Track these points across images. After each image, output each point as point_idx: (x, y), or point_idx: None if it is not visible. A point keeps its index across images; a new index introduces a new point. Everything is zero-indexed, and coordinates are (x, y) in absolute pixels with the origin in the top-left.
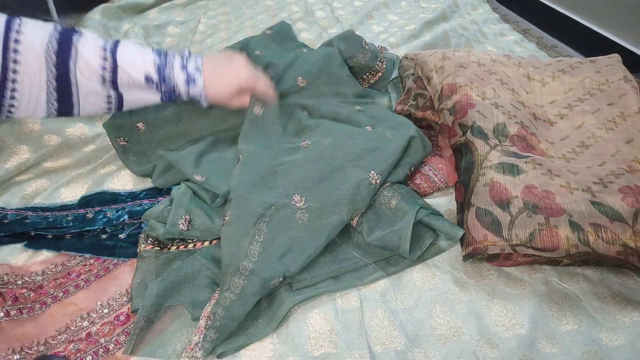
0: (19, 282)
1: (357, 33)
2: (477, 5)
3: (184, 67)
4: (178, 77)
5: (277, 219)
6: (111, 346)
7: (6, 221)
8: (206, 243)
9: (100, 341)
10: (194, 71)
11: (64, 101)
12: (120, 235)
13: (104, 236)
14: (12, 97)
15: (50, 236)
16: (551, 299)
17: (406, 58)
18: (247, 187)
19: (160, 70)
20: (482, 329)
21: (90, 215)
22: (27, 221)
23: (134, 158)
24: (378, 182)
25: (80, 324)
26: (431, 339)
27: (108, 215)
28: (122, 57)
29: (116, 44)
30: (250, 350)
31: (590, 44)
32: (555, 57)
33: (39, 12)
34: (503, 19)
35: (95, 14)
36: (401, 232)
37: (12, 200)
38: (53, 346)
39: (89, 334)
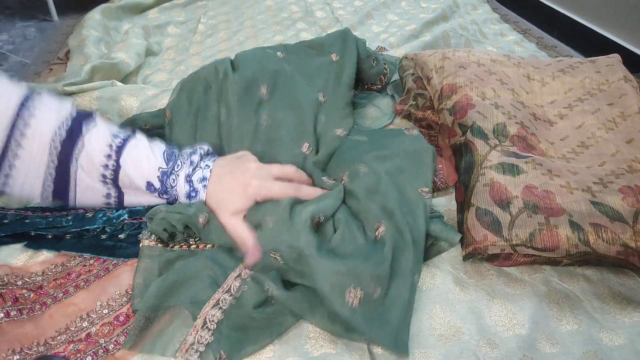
0: (19, 283)
1: (356, 33)
2: (477, 5)
3: (189, 176)
4: (180, 189)
5: None
6: (111, 346)
7: (6, 221)
8: (209, 246)
9: (100, 342)
10: (199, 183)
11: (60, 191)
12: (120, 236)
13: (103, 236)
14: (7, 176)
15: (50, 236)
16: (551, 299)
17: (406, 58)
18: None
19: (163, 179)
20: (482, 329)
21: (90, 215)
22: (27, 221)
23: None
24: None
25: (80, 324)
26: (431, 339)
27: (108, 214)
28: (126, 158)
29: (125, 141)
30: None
31: (590, 44)
32: (555, 57)
33: (39, 12)
34: (503, 19)
35: (95, 14)
36: None
37: (12, 200)
38: (53, 347)
39: (88, 335)
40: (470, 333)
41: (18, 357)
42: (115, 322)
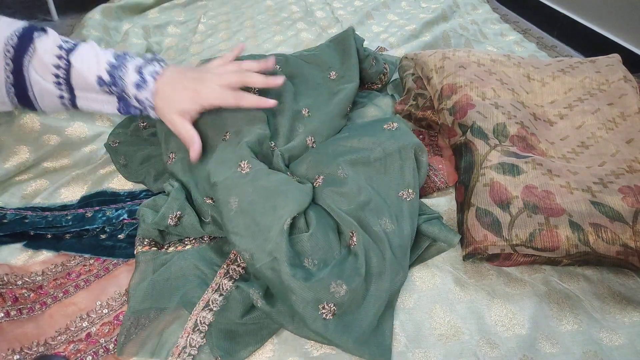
0: (19, 283)
1: (357, 32)
2: (477, 5)
3: (140, 68)
4: (129, 79)
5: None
6: (111, 346)
7: (5, 221)
8: (204, 245)
9: (100, 341)
10: (149, 75)
11: (22, 96)
12: (119, 236)
13: (103, 236)
14: None
15: (49, 236)
16: (551, 299)
17: (406, 58)
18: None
19: (112, 71)
20: (482, 329)
21: (89, 215)
22: (26, 221)
23: (124, 162)
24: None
25: (80, 324)
26: (431, 339)
27: (107, 214)
28: (77, 57)
29: (76, 44)
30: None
31: (590, 44)
32: (555, 57)
33: (39, 12)
34: (503, 19)
35: (95, 14)
36: None
37: (11, 200)
38: (53, 347)
39: (88, 335)
40: (471, 333)
41: (18, 356)
42: (115, 321)
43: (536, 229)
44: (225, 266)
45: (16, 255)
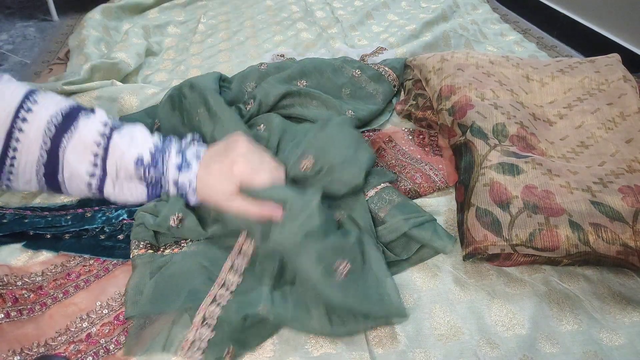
0: (19, 283)
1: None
2: (477, 5)
3: (181, 151)
4: (171, 161)
5: None
6: (111, 346)
7: (5, 221)
8: (204, 244)
9: (101, 342)
10: (192, 157)
11: (51, 178)
12: (119, 236)
13: (102, 236)
14: (11, 165)
15: (48, 236)
16: (551, 299)
17: (407, 66)
18: None
19: (155, 153)
20: (483, 329)
21: (89, 214)
22: (26, 221)
23: None
24: None
25: (80, 325)
26: (431, 339)
27: (107, 214)
28: (122, 133)
29: (122, 124)
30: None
31: (590, 44)
32: (555, 57)
33: (39, 12)
34: (503, 19)
35: (95, 14)
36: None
37: (11, 200)
38: (53, 347)
39: (89, 335)
40: (471, 333)
41: (18, 357)
42: (115, 321)
43: (536, 228)
44: (229, 260)
45: (16, 256)
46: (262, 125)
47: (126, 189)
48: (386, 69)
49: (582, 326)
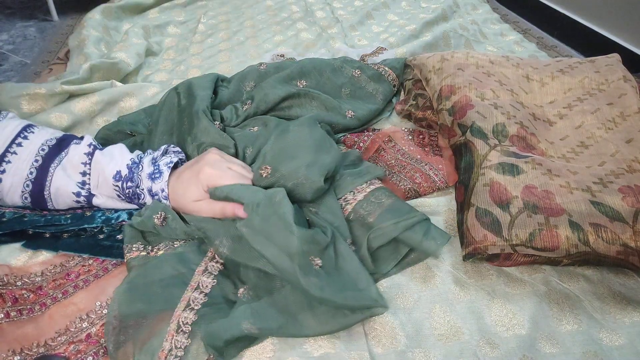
0: (19, 283)
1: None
2: (477, 5)
3: (155, 160)
4: (144, 171)
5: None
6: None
7: (4, 219)
8: (181, 247)
9: (101, 342)
10: (164, 166)
11: (37, 194)
12: (118, 236)
13: (101, 236)
14: None
15: (47, 235)
16: (551, 299)
17: (407, 65)
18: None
19: (132, 167)
20: (482, 329)
21: (88, 213)
22: (25, 219)
23: None
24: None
25: (79, 325)
26: (431, 339)
27: (107, 214)
28: (104, 152)
29: (105, 146)
30: (250, 351)
31: (590, 44)
32: (555, 57)
33: (39, 12)
34: (503, 19)
35: (95, 14)
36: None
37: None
38: (53, 347)
39: (88, 335)
40: (471, 333)
41: (18, 357)
42: None
43: (536, 228)
44: (203, 264)
45: (16, 256)
46: (255, 127)
47: (111, 200)
48: (386, 68)
49: (582, 326)
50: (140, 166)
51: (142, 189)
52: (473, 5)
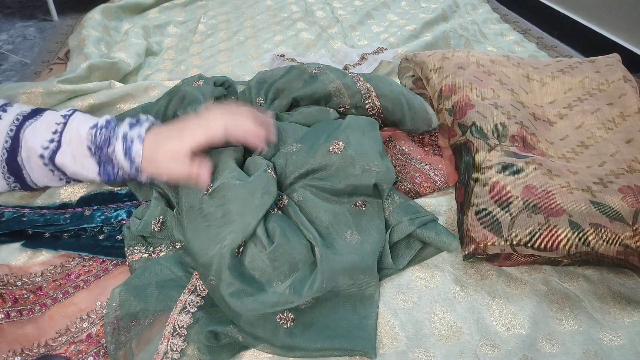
0: (19, 284)
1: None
2: (477, 5)
3: (125, 134)
4: (124, 122)
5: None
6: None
7: (3, 219)
8: (176, 254)
9: (101, 342)
10: (144, 119)
11: (12, 161)
12: (118, 237)
13: (101, 236)
14: None
15: (47, 234)
16: (551, 299)
17: (405, 60)
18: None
19: (110, 122)
20: (483, 329)
21: (88, 213)
22: (24, 219)
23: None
24: None
25: (80, 325)
26: (432, 339)
27: (106, 213)
28: (78, 114)
29: (73, 113)
30: (250, 351)
31: (590, 44)
32: (555, 57)
33: (39, 12)
34: (503, 19)
35: (95, 14)
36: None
37: (10, 199)
38: (54, 348)
39: (89, 335)
40: (471, 333)
41: (19, 358)
42: None
43: (536, 228)
44: None
45: (15, 256)
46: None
47: (78, 161)
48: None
49: (582, 326)
50: (122, 121)
51: (117, 133)
52: (473, 5)
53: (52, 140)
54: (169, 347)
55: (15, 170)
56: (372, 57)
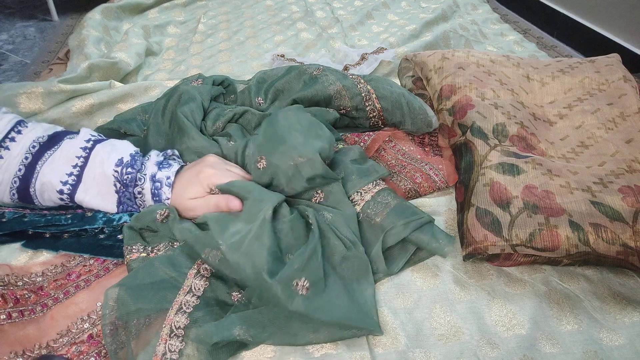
0: (20, 284)
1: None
2: (477, 5)
3: (164, 154)
4: (151, 160)
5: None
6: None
7: (4, 220)
8: (172, 253)
9: (103, 342)
10: (173, 160)
11: (23, 190)
12: (119, 236)
13: (102, 236)
14: None
15: (48, 235)
16: (551, 299)
17: (405, 60)
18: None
19: (135, 156)
20: (483, 329)
21: (89, 214)
22: (25, 219)
23: None
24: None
25: (81, 325)
26: (432, 339)
27: (108, 214)
28: (104, 144)
29: (106, 138)
30: (251, 351)
31: (590, 44)
32: (555, 57)
33: (39, 12)
34: (503, 19)
35: (95, 14)
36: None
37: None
38: (55, 349)
39: (90, 336)
40: (471, 333)
41: (20, 359)
42: None
43: (536, 229)
44: (196, 266)
45: (16, 256)
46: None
47: (98, 197)
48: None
49: (582, 326)
50: (147, 156)
51: (144, 174)
52: (473, 5)
53: (71, 174)
54: (167, 349)
55: (25, 197)
56: (372, 57)
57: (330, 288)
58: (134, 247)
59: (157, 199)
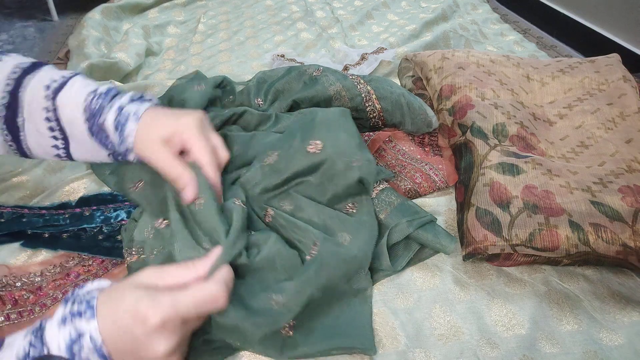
0: (18, 284)
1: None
2: (477, 5)
3: (124, 106)
4: (125, 95)
5: None
6: None
7: (2, 220)
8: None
9: None
10: (148, 98)
11: (10, 121)
12: (118, 237)
13: (101, 237)
14: None
15: (46, 235)
16: (551, 299)
17: (405, 60)
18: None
19: (112, 88)
20: (483, 329)
21: (87, 213)
22: (24, 220)
23: (108, 170)
24: None
25: None
26: (431, 339)
27: (106, 213)
28: (72, 82)
29: (74, 75)
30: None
31: (590, 44)
32: (555, 57)
33: (39, 12)
34: (503, 19)
35: (95, 14)
36: (380, 251)
37: (9, 200)
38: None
39: None
40: (471, 333)
41: None
42: None
43: (536, 228)
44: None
45: (15, 256)
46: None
47: (72, 125)
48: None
49: (582, 326)
50: (125, 93)
51: (112, 105)
52: (473, 5)
53: (48, 88)
54: None
55: (12, 129)
56: (372, 57)
57: (322, 314)
58: (132, 249)
59: (120, 134)
